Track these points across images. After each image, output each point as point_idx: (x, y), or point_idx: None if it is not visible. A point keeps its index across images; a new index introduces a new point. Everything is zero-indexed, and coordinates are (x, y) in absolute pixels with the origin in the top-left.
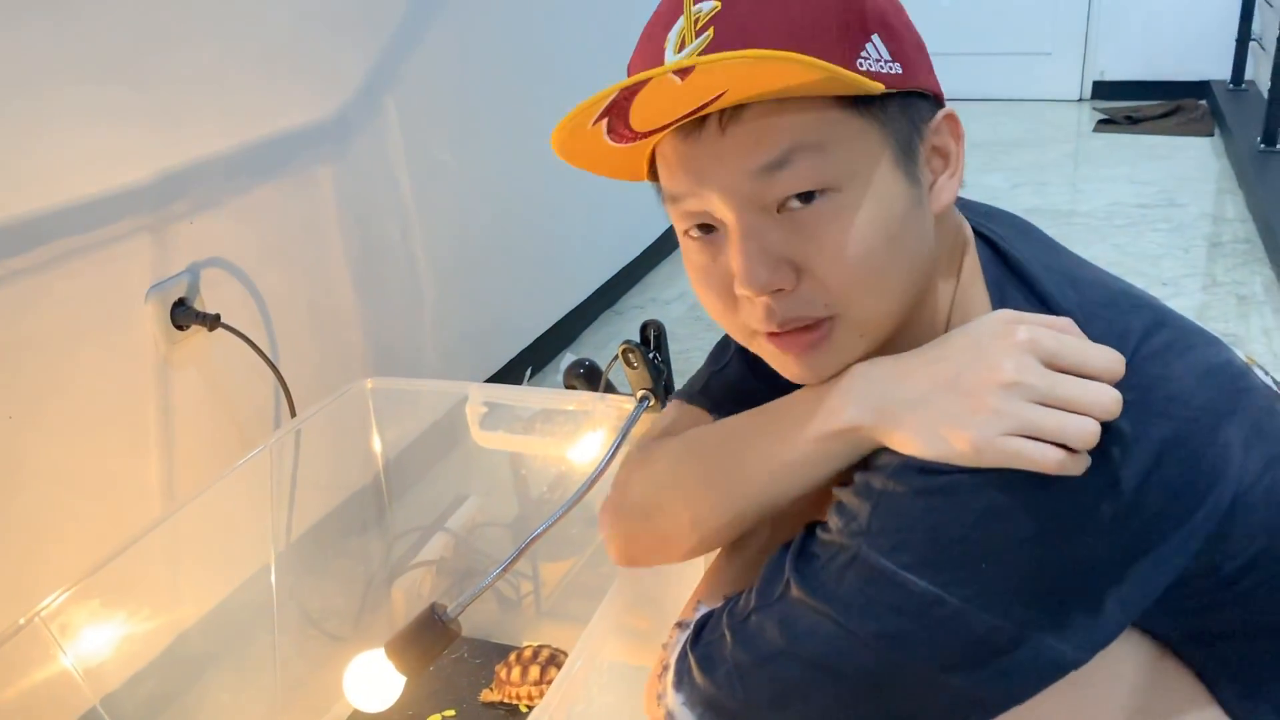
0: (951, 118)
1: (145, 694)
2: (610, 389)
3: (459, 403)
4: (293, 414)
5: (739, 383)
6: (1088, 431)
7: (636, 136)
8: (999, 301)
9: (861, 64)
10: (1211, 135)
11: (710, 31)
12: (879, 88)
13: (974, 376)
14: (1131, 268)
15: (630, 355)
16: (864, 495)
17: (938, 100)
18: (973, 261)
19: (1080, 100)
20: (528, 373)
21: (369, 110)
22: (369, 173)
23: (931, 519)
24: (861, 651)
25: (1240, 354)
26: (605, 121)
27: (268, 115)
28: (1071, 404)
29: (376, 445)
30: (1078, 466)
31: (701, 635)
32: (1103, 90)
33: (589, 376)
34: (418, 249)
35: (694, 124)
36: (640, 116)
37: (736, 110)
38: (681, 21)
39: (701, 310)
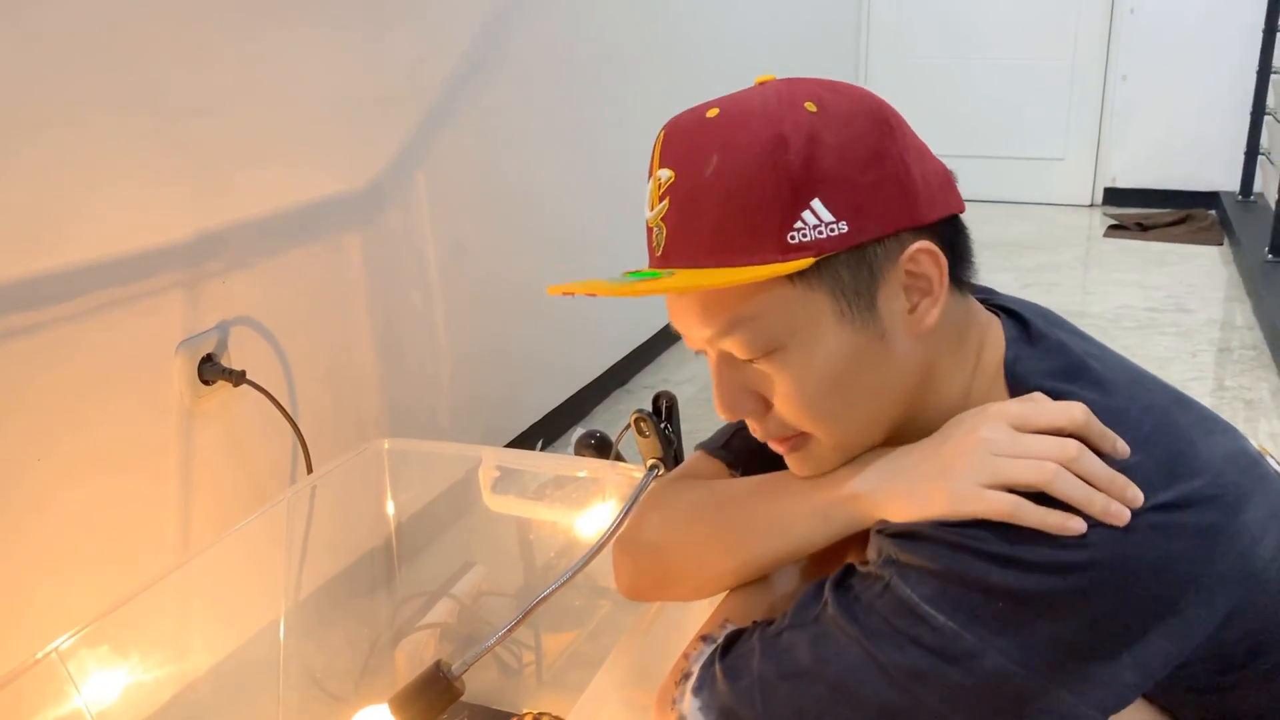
0: (925, 251)
1: None
2: (620, 460)
3: (472, 467)
4: (310, 471)
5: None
6: (1048, 474)
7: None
8: (1012, 380)
9: (794, 236)
10: (1220, 244)
11: (666, 202)
12: (804, 264)
13: (954, 444)
14: None
15: (642, 424)
16: (898, 532)
17: (919, 229)
18: (994, 349)
19: (1091, 205)
20: (538, 445)
21: (400, 183)
22: (396, 243)
23: (954, 559)
24: (881, 681)
25: (1254, 444)
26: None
27: (303, 184)
28: (1034, 453)
29: (390, 507)
30: (1041, 518)
31: (732, 648)
32: (1114, 197)
33: (599, 447)
34: (439, 319)
35: None
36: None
37: None
38: (652, 182)
39: (712, 392)
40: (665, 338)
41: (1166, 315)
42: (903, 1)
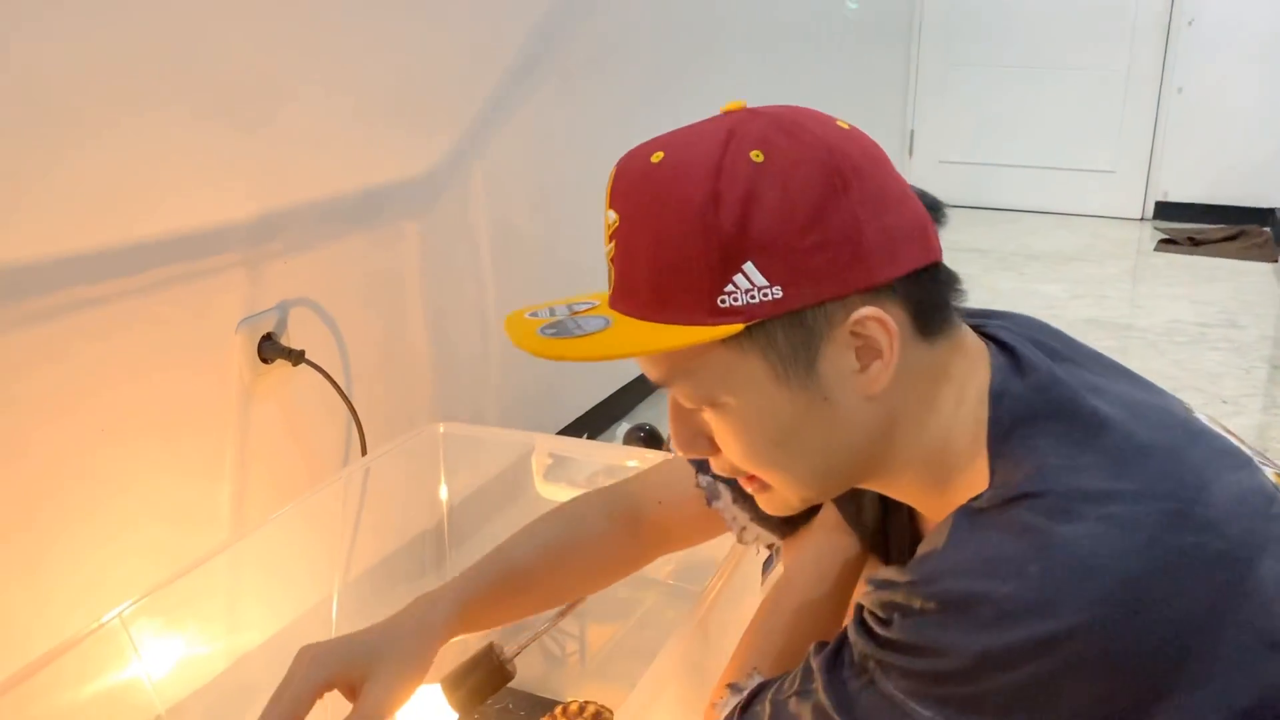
0: (873, 318)
1: (204, 710)
2: (670, 453)
3: (525, 454)
4: (364, 453)
5: None
6: None
7: None
8: (995, 424)
9: (724, 300)
10: (1274, 261)
11: (613, 245)
12: (731, 330)
13: None
14: (1190, 384)
15: None
16: (880, 608)
17: (870, 290)
18: (978, 387)
19: (1142, 219)
20: (583, 438)
21: (456, 173)
22: (451, 233)
23: (935, 653)
24: None
25: (1270, 472)
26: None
27: (363, 167)
28: None
29: (443, 492)
30: None
31: (750, 705)
32: (1165, 211)
33: (649, 441)
34: (490, 311)
35: None
36: None
37: None
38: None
39: None
40: None
41: (1218, 331)
42: (956, 8)
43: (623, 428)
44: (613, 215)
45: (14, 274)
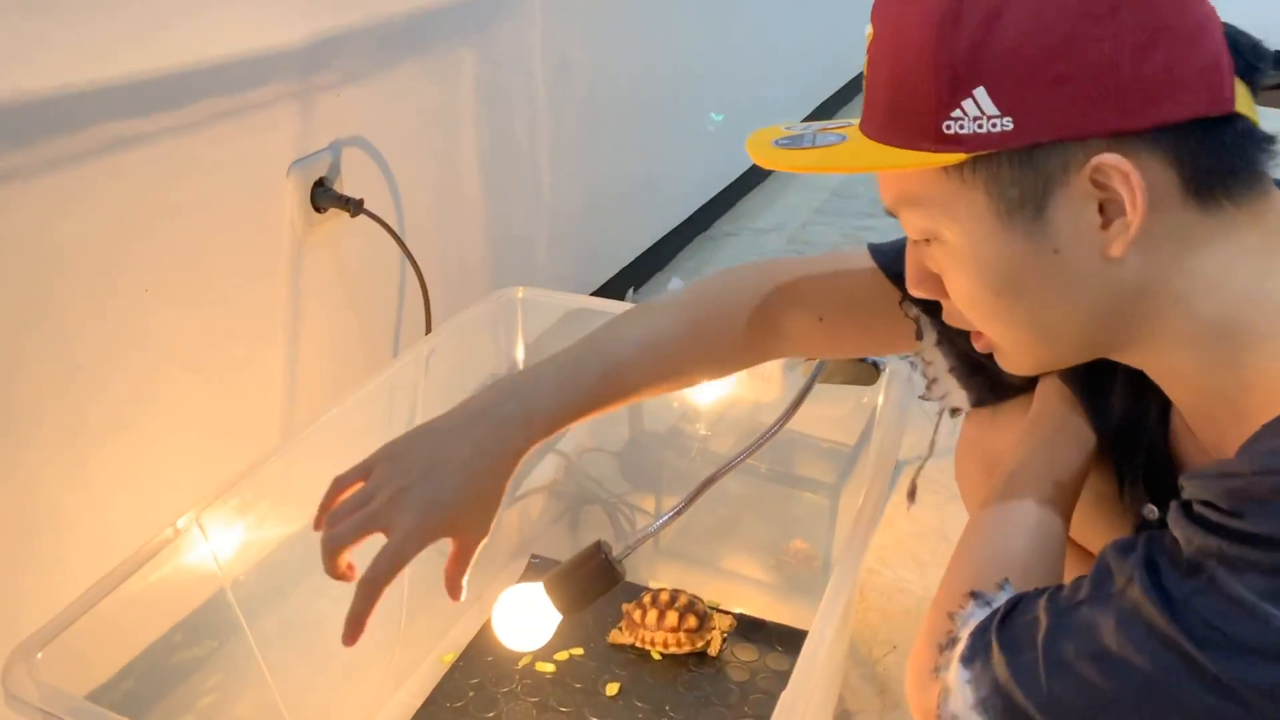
0: (1113, 166)
1: (262, 579)
2: None
3: (594, 319)
4: (427, 311)
5: None
6: None
7: None
8: None
9: (949, 126)
10: None
11: (867, 59)
12: (953, 159)
13: None
14: None
15: None
16: (1225, 499)
17: (1121, 136)
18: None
19: None
20: (628, 293)
21: None
22: (505, 63)
23: None
24: (1207, 689)
25: None
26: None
27: None
28: None
29: (520, 353)
30: None
31: (1012, 615)
32: None
33: None
34: (542, 153)
35: None
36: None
37: None
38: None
39: (802, 245)
40: (745, 183)
41: None
42: None
43: (675, 282)
44: (869, 29)
45: (40, 108)
